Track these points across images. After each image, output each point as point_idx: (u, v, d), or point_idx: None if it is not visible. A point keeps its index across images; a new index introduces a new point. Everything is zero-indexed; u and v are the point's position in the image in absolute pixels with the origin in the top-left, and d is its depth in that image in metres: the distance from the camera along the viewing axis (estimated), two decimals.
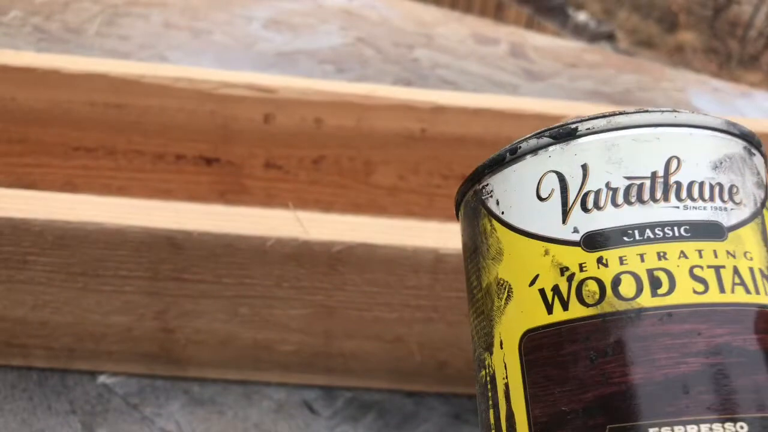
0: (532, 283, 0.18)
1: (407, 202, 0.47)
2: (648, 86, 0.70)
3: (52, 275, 0.33)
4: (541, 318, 0.18)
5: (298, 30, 0.71)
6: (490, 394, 0.19)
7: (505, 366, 0.18)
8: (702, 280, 0.17)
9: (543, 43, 0.76)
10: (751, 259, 0.18)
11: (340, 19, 0.74)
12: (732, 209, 0.18)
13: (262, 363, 0.38)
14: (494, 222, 0.19)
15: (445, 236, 0.33)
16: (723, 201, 0.18)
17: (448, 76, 0.66)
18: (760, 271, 0.18)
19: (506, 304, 0.19)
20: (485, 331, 0.19)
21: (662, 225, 0.17)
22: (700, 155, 0.18)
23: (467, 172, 0.47)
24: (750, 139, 0.20)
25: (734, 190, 0.18)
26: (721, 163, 0.19)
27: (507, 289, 0.19)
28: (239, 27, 0.70)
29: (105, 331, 0.36)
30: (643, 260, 0.17)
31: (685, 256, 0.17)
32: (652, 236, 0.17)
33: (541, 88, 0.66)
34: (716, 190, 0.18)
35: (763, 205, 0.19)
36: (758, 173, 0.19)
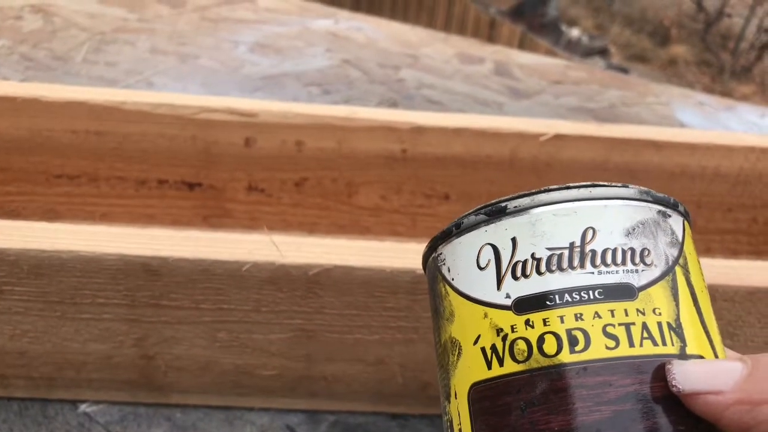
0: (476, 342, 0.20)
1: (391, 222, 0.47)
2: (632, 101, 0.71)
3: (29, 304, 0.33)
4: (483, 373, 0.20)
5: (284, 53, 0.72)
6: None
7: (459, 414, 0.21)
8: (614, 337, 0.19)
9: (528, 60, 0.76)
10: (660, 314, 0.20)
11: (326, 42, 0.75)
12: (643, 270, 0.20)
13: (244, 388, 0.37)
14: (447, 287, 0.22)
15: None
16: (634, 264, 0.20)
17: (434, 96, 0.67)
18: (668, 324, 0.20)
19: (458, 359, 0.21)
20: (444, 383, 0.22)
21: (579, 290, 0.20)
22: (614, 224, 0.20)
23: (449, 192, 0.47)
24: (665, 203, 0.21)
25: (646, 252, 0.20)
26: (633, 229, 0.21)
27: (458, 347, 0.21)
28: (226, 51, 0.71)
29: (84, 360, 0.35)
30: (563, 321, 0.19)
31: (599, 316, 0.19)
32: (570, 300, 0.19)
33: (526, 105, 0.66)
34: (628, 254, 0.20)
35: (675, 262, 0.21)
36: (672, 233, 0.21)
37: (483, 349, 0.20)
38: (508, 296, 0.20)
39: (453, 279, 0.21)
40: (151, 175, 0.44)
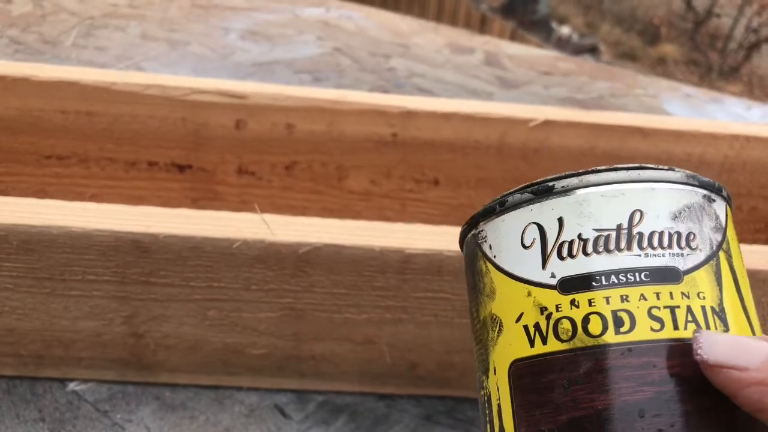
0: (518, 320, 0.21)
1: (380, 207, 0.47)
2: (621, 93, 0.71)
3: (18, 281, 0.33)
4: (525, 350, 0.20)
5: (275, 40, 0.72)
6: (487, 411, 0.22)
7: (498, 389, 0.21)
8: (659, 319, 0.19)
9: (518, 51, 0.77)
10: (704, 298, 0.20)
11: (317, 30, 0.75)
12: (688, 254, 0.20)
13: (233, 367, 0.37)
14: (488, 264, 0.22)
15: (411, 237, 0.33)
16: (680, 248, 0.20)
17: (424, 85, 0.67)
18: (712, 308, 0.20)
19: (498, 336, 0.21)
20: (482, 357, 0.22)
21: (625, 271, 0.20)
22: (661, 207, 0.21)
23: (438, 176, 0.47)
24: (710, 187, 0.22)
25: (691, 236, 0.21)
26: (680, 213, 0.21)
27: (499, 323, 0.22)
28: (216, 38, 0.71)
29: (74, 337, 0.36)
30: (608, 302, 0.20)
31: (645, 299, 0.20)
32: (616, 281, 0.20)
33: (516, 95, 0.67)
34: (674, 238, 0.20)
35: (719, 247, 0.21)
36: (716, 218, 0.22)
37: (526, 327, 0.20)
38: (553, 276, 0.20)
39: (495, 256, 0.22)
40: (141, 156, 0.44)
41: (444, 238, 0.33)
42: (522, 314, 0.21)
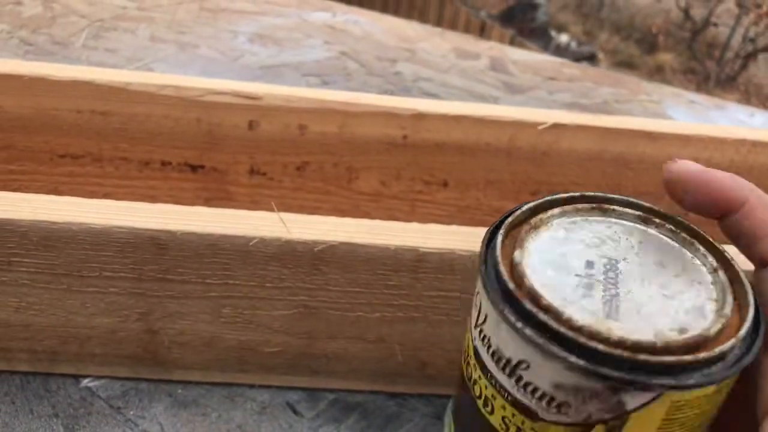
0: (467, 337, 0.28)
1: (390, 208, 0.47)
2: (625, 99, 0.72)
3: (37, 276, 0.33)
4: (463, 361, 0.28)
5: (282, 44, 0.72)
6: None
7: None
8: (506, 426, 0.24)
9: (522, 57, 0.77)
10: None
11: (324, 34, 0.75)
12: (554, 412, 0.21)
13: (246, 365, 0.38)
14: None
15: (425, 236, 0.34)
16: (547, 405, 0.21)
17: (430, 89, 0.68)
18: None
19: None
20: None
21: (500, 384, 0.23)
22: (545, 374, 0.21)
23: (448, 178, 0.48)
24: (621, 380, 0.20)
25: (565, 405, 0.21)
26: (563, 386, 0.21)
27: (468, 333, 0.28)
28: (225, 41, 0.71)
29: (89, 333, 0.36)
30: (486, 388, 0.24)
31: (503, 409, 0.24)
32: (493, 384, 0.24)
33: (521, 100, 0.67)
34: (545, 397, 0.21)
35: (598, 421, 0.21)
36: (617, 402, 0.20)
37: (468, 339, 0.26)
38: (474, 339, 0.25)
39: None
40: (155, 156, 0.45)
41: (457, 237, 0.34)
42: (466, 338, 0.27)
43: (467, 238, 0.34)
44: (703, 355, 0.19)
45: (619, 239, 0.24)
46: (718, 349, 0.20)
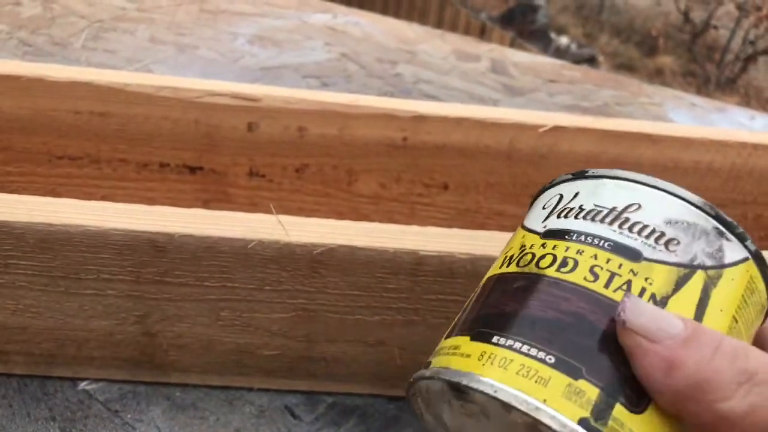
0: (506, 252, 0.26)
1: (389, 211, 0.47)
2: (626, 101, 0.72)
3: (34, 279, 0.33)
4: (496, 270, 0.25)
5: (282, 46, 0.72)
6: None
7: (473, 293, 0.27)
8: (595, 275, 0.22)
9: (523, 59, 0.77)
10: (651, 284, 0.22)
11: (324, 36, 0.75)
12: (660, 250, 0.22)
13: (245, 368, 0.38)
14: (520, 226, 0.27)
15: (425, 239, 0.34)
16: (655, 242, 0.22)
17: (430, 91, 0.68)
18: (653, 294, 0.22)
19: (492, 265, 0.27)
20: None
21: (594, 236, 0.23)
22: (660, 210, 0.23)
23: (448, 181, 0.48)
24: (727, 225, 0.23)
25: (674, 242, 0.22)
26: (676, 222, 0.23)
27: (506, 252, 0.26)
28: (224, 43, 0.71)
29: (86, 336, 0.36)
30: (566, 251, 0.23)
31: (595, 258, 0.22)
32: (582, 240, 0.23)
33: (521, 102, 0.67)
34: (655, 234, 0.23)
35: (701, 267, 0.22)
36: (719, 249, 0.23)
37: (506, 256, 0.25)
38: (544, 227, 0.24)
39: (525, 218, 0.27)
40: (153, 158, 0.44)
41: (456, 240, 0.34)
42: (510, 248, 0.25)
43: (467, 242, 0.34)
44: None
45: None
46: None
